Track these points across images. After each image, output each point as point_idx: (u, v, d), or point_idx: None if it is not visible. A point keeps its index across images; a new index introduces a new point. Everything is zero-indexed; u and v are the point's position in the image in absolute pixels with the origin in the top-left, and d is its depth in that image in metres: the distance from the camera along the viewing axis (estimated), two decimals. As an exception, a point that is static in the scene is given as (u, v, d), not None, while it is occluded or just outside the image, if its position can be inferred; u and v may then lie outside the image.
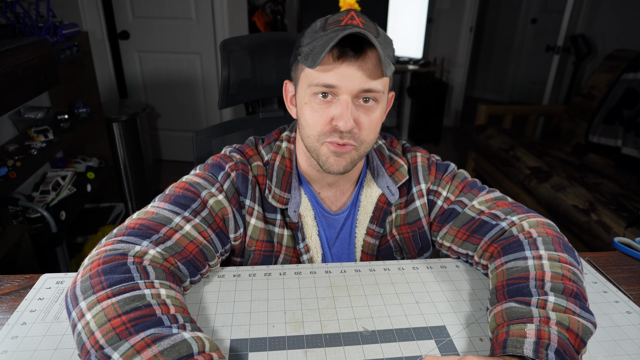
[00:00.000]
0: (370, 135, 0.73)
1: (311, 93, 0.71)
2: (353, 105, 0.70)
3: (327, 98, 0.70)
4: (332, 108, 0.70)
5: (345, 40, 0.67)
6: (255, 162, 0.81)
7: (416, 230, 0.85)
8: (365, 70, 0.68)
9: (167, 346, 0.50)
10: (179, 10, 2.87)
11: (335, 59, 0.68)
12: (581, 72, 3.36)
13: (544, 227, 0.73)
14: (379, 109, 0.73)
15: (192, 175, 0.77)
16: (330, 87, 0.69)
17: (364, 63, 0.68)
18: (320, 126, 0.71)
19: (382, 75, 0.70)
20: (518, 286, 0.63)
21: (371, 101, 0.71)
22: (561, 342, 0.54)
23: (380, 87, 0.70)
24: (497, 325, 0.60)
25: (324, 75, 0.69)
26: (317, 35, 0.70)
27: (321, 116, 0.71)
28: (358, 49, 0.68)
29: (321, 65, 0.69)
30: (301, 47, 0.72)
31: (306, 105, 0.72)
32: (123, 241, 0.62)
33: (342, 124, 0.68)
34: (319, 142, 0.73)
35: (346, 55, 0.67)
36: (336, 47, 0.67)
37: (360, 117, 0.71)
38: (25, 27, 1.85)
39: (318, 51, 0.67)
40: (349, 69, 0.68)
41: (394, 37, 3.57)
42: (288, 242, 0.82)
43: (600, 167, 2.47)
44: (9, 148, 1.82)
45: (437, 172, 0.85)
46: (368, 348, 0.63)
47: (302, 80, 0.73)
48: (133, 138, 2.60)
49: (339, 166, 0.73)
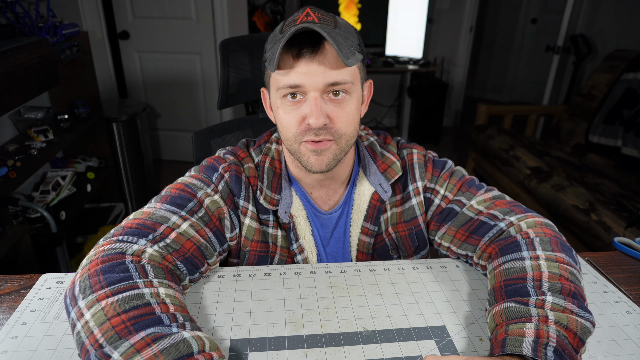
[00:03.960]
0: (349, 127, 0.73)
1: (280, 96, 0.72)
2: (322, 101, 0.70)
3: (297, 98, 0.71)
4: (302, 107, 0.71)
5: (302, 38, 0.67)
6: (247, 163, 0.81)
7: (412, 229, 0.85)
8: (327, 64, 0.68)
9: (167, 345, 0.50)
10: (179, 10, 2.87)
11: (294, 58, 0.69)
12: (581, 72, 3.36)
13: (542, 227, 0.73)
14: (352, 100, 0.73)
15: (188, 177, 0.78)
16: (295, 87, 0.70)
17: (324, 57, 0.68)
18: (294, 127, 0.72)
19: (345, 66, 0.69)
20: (516, 287, 0.63)
21: (341, 94, 0.71)
22: (560, 341, 0.54)
23: (347, 77, 0.70)
24: (496, 325, 0.60)
25: (287, 77, 0.70)
26: (276, 38, 0.71)
27: (294, 117, 0.72)
28: (314, 44, 0.68)
29: (282, 68, 0.70)
30: (265, 52, 0.74)
31: (279, 109, 0.73)
32: (121, 240, 0.62)
33: (313, 120, 0.69)
34: (297, 142, 0.73)
35: (304, 52, 0.68)
36: (294, 46, 0.68)
37: (332, 111, 0.71)
38: (25, 27, 1.85)
39: (275, 54, 0.67)
40: (310, 65, 0.68)
41: (394, 37, 3.63)
42: (282, 243, 0.82)
43: (600, 167, 2.47)
44: (9, 148, 1.82)
45: (434, 169, 0.85)
46: (368, 348, 0.63)
47: (272, 85, 0.74)
48: (133, 138, 2.60)
49: (320, 165, 0.73)
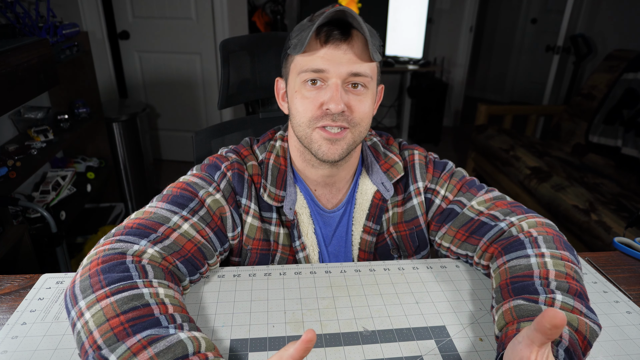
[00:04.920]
0: (364, 119, 0.74)
1: (301, 81, 0.72)
2: (343, 90, 0.71)
3: (317, 85, 0.72)
4: (322, 93, 0.71)
5: (332, 26, 0.69)
6: (250, 161, 0.81)
7: (413, 229, 0.85)
8: (353, 53, 0.70)
9: (163, 348, 0.50)
10: (179, 10, 2.87)
11: (322, 44, 0.70)
12: (581, 72, 3.36)
13: (544, 227, 0.73)
14: (369, 96, 0.74)
15: (189, 176, 0.78)
16: (319, 72, 0.70)
17: (351, 46, 0.70)
18: (310, 112, 0.72)
19: (370, 60, 0.71)
20: (523, 284, 0.63)
21: (360, 87, 0.72)
22: (571, 342, 0.54)
23: (368, 71, 0.71)
24: (507, 322, 0.60)
25: (312, 60, 0.70)
26: (304, 26, 0.72)
27: (311, 102, 0.72)
28: (345, 32, 0.69)
29: (309, 51, 0.70)
30: (290, 40, 0.75)
31: (296, 93, 0.74)
32: (121, 240, 0.62)
33: (333, 106, 0.69)
34: (310, 127, 0.73)
35: (333, 37, 0.69)
36: (323, 32, 0.69)
37: (350, 100, 0.72)
38: (25, 27, 1.85)
39: (305, 35, 0.69)
40: (337, 51, 0.69)
41: (394, 37, 3.63)
42: (284, 241, 0.82)
43: (600, 167, 2.47)
44: (9, 148, 1.82)
45: (434, 170, 0.85)
46: (368, 348, 0.63)
47: (292, 70, 0.75)
48: (133, 138, 2.60)
49: (333, 154, 0.73)
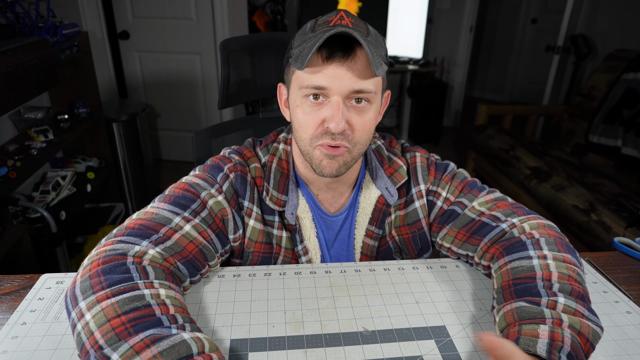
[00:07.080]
0: (364, 136, 0.73)
1: (302, 95, 0.71)
2: (344, 107, 0.69)
3: (319, 100, 0.70)
4: (323, 110, 0.70)
5: (334, 41, 0.66)
6: (253, 163, 0.80)
7: (416, 232, 0.85)
8: (355, 70, 0.67)
9: (167, 347, 0.50)
10: (179, 10, 2.87)
11: (324, 60, 0.67)
12: (581, 72, 3.36)
13: (545, 229, 0.73)
14: (372, 109, 0.72)
15: (192, 176, 0.77)
16: (320, 89, 0.68)
17: (354, 63, 0.67)
18: (312, 129, 0.71)
19: (373, 75, 0.68)
20: (525, 286, 0.63)
21: (363, 102, 0.70)
22: (574, 346, 0.54)
23: (371, 87, 0.69)
24: (508, 324, 0.60)
25: (313, 77, 0.68)
26: (307, 36, 0.69)
27: (313, 118, 0.70)
28: (347, 49, 0.67)
29: (310, 67, 0.68)
30: (292, 49, 0.72)
31: (298, 107, 0.72)
32: (123, 241, 0.62)
33: (334, 125, 0.68)
34: (312, 145, 0.72)
35: (335, 55, 0.67)
36: (325, 48, 0.67)
37: (352, 118, 0.70)
38: (25, 27, 1.85)
39: (306, 52, 0.66)
40: (339, 69, 0.67)
41: (394, 37, 3.63)
42: (287, 244, 0.82)
43: (600, 167, 2.47)
44: (9, 148, 1.82)
45: (436, 172, 0.85)
46: (368, 348, 0.63)
47: (294, 82, 0.73)
48: (133, 138, 2.60)
49: (331, 169, 0.73)
